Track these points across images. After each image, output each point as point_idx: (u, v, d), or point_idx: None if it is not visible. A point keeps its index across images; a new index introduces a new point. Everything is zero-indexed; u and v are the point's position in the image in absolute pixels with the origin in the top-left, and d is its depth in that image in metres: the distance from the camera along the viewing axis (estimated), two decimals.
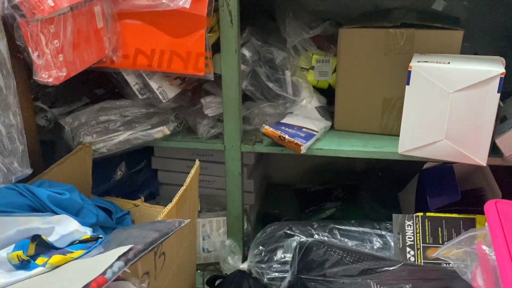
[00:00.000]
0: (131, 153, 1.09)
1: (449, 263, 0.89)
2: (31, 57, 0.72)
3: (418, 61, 0.90)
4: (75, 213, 0.79)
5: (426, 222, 0.97)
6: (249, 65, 1.05)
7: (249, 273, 1.06)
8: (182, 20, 0.90)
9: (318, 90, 1.19)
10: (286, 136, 0.99)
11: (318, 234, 1.05)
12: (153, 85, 0.99)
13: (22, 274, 0.61)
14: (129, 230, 0.71)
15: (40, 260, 0.63)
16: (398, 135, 0.96)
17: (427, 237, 0.97)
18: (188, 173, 0.91)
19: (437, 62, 0.89)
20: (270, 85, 1.06)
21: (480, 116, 0.87)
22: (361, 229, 1.06)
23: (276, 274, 1.01)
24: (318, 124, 1.07)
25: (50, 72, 0.75)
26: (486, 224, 0.77)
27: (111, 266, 0.54)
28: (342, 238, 1.05)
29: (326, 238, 1.04)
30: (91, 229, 0.75)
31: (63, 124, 1.02)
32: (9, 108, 0.75)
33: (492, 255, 0.73)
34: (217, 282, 1.11)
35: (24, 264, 0.63)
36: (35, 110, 1.02)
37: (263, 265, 1.03)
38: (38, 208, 0.75)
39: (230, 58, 0.97)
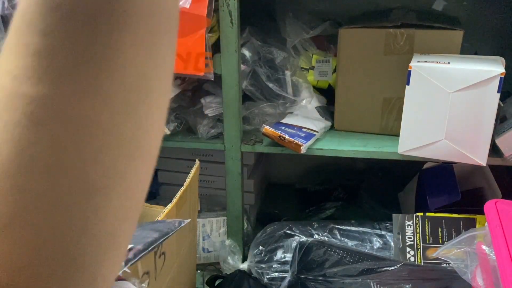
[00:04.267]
0: None
1: (449, 263, 0.89)
2: None
3: (418, 61, 0.90)
4: None
5: (426, 222, 0.97)
6: (249, 65, 1.05)
7: (249, 273, 1.06)
8: (182, 20, 0.90)
9: (318, 90, 1.19)
10: (286, 136, 0.99)
11: (318, 234, 1.05)
12: None
13: None
14: None
15: None
16: (398, 135, 0.96)
17: (427, 237, 0.97)
18: (188, 173, 0.91)
19: (437, 62, 0.89)
20: (270, 85, 1.06)
21: (480, 116, 0.87)
22: (361, 229, 1.06)
23: (276, 274, 1.01)
24: (318, 124, 1.07)
25: None
26: (486, 224, 0.77)
27: None
28: (342, 238, 1.05)
29: (326, 238, 1.04)
30: None
31: None
32: None
33: (492, 255, 0.73)
34: (217, 282, 1.11)
35: None
36: None
37: (263, 265, 1.03)
38: None
39: (230, 58, 0.97)
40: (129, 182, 0.23)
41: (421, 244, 0.97)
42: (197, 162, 0.96)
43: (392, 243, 1.02)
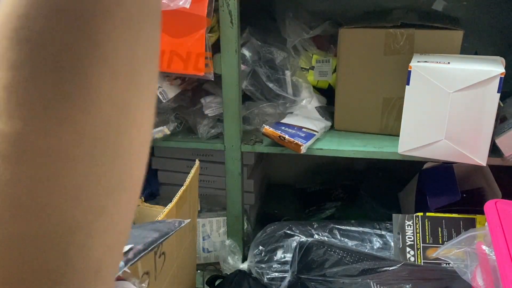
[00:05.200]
0: None
1: (449, 263, 0.89)
2: None
3: (418, 61, 0.90)
4: None
5: (426, 222, 0.97)
6: (249, 65, 1.05)
7: (249, 273, 1.06)
8: (182, 20, 0.90)
9: (318, 90, 1.19)
10: (286, 136, 0.99)
11: (318, 234, 1.05)
12: None
13: None
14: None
15: None
16: (398, 135, 0.96)
17: (427, 237, 0.97)
18: (188, 173, 0.91)
19: (437, 62, 0.89)
20: (270, 85, 1.06)
21: (480, 116, 0.87)
22: (361, 229, 1.06)
23: (276, 274, 1.01)
24: (318, 124, 1.07)
25: None
26: (486, 224, 0.77)
27: None
28: (342, 238, 1.05)
29: (326, 238, 1.04)
30: None
31: None
32: None
33: (492, 255, 0.73)
34: (217, 282, 1.11)
35: None
36: None
37: (263, 265, 1.03)
38: None
39: (230, 58, 0.97)
40: (112, 216, 0.22)
41: (421, 244, 0.97)
42: (197, 162, 0.96)
43: (392, 243, 1.02)
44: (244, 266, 1.09)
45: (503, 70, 0.84)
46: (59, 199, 0.20)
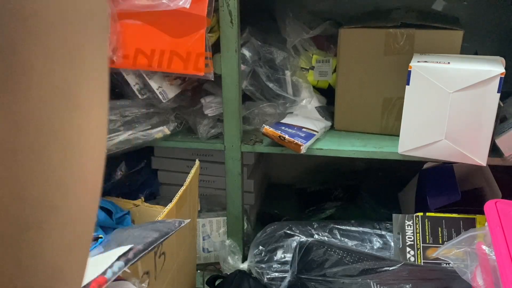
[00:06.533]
0: (131, 153, 1.09)
1: (449, 263, 0.89)
2: None
3: (418, 61, 0.90)
4: None
5: (426, 222, 0.97)
6: (249, 65, 1.05)
7: (249, 273, 1.06)
8: (182, 20, 0.90)
9: (318, 90, 1.19)
10: (286, 136, 0.99)
11: (318, 234, 1.05)
12: (153, 85, 0.99)
13: None
14: (129, 230, 0.71)
15: None
16: (398, 135, 0.96)
17: (427, 237, 0.97)
18: (188, 173, 0.91)
19: (437, 62, 0.89)
20: (270, 85, 1.06)
21: (480, 116, 0.87)
22: (361, 229, 1.06)
23: (276, 274, 1.01)
24: (318, 124, 1.07)
25: None
26: (486, 224, 0.77)
27: (111, 266, 0.54)
28: (342, 238, 1.05)
29: (326, 238, 1.04)
30: None
31: None
32: None
33: (492, 255, 0.73)
34: (217, 282, 1.11)
35: None
36: None
37: (263, 265, 1.03)
38: None
39: (230, 58, 0.97)
40: (66, 214, 0.21)
41: (421, 244, 0.97)
42: (197, 162, 0.96)
43: (392, 243, 1.02)
44: (244, 266, 1.09)
45: (503, 70, 0.84)
46: (1, 195, 0.18)
